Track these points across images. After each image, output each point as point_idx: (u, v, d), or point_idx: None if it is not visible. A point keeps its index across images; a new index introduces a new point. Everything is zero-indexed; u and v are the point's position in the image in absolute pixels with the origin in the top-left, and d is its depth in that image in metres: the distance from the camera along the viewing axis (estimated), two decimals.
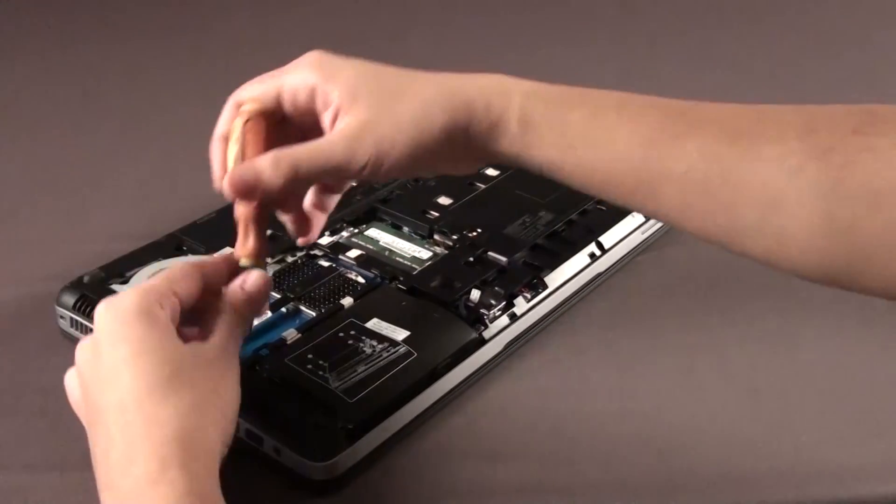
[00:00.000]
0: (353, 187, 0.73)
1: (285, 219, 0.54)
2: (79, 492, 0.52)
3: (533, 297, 0.63)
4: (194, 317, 0.49)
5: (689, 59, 1.08)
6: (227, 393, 0.47)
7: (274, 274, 0.64)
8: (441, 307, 0.60)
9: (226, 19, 1.18)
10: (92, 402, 0.45)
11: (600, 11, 1.21)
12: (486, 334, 0.59)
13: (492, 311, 0.61)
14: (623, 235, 0.69)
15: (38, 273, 0.69)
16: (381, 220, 0.71)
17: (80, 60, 1.08)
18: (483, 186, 0.74)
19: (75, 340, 0.61)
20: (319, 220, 0.55)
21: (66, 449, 0.55)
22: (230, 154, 0.51)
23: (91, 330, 0.59)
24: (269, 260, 0.65)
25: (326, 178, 0.52)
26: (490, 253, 0.66)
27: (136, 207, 0.78)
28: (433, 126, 0.48)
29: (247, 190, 0.48)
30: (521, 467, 0.53)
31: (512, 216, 0.70)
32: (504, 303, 0.61)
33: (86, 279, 0.62)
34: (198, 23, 1.18)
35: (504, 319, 0.61)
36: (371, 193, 0.73)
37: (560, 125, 0.47)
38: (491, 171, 0.75)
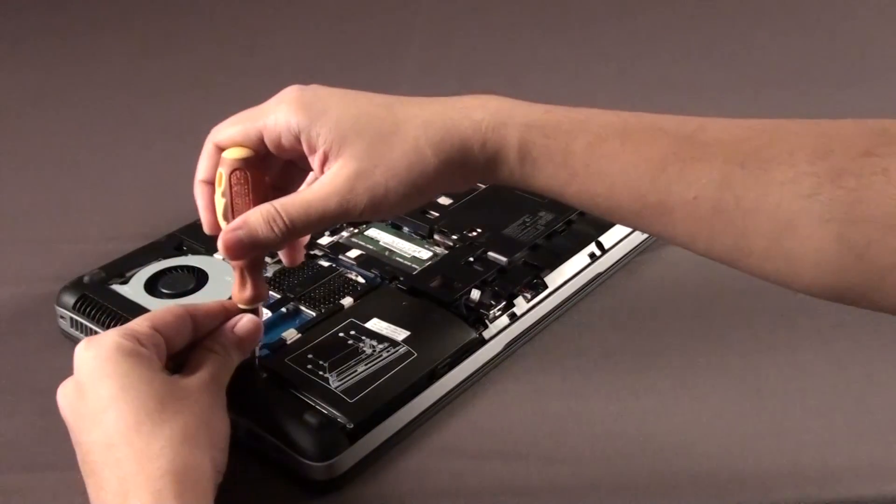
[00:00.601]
0: None
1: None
2: (79, 492, 0.52)
3: (533, 297, 0.63)
4: (184, 355, 0.50)
5: (688, 57, 1.08)
6: (217, 423, 0.47)
7: (274, 274, 0.64)
8: (441, 307, 0.60)
9: (227, 19, 1.18)
10: (80, 441, 0.45)
11: (601, 11, 1.21)
12: (486, 334, 0.59)
13: (492, 311, 0.61)
14: (623, 235, 0.69)
15: (38, 273, 0.69)
16: (381, 220, 0.71)
17: (81, 59, 1.08)
18: (483, 186, 0.74)
19: (75, 340, 0.61)
20: (304, 242, 0.55)
21: (66, 449, 0.54)
22: (218, 207, 0.50)
23: (91, 331, 0.60)
24: (268, 260, 0.65)
25: (322, 229, 0.51)
26: (490, 253, 0.66)
27: (136, 207, 0.78)
28: (427, 169, 0.47)
29: (243, 250, 0.49)
30: (521, 467, 0.53)
31: (512, 216, 0.70)
32: (504, 303, 0.61)
33: (86, 279, 0.62)
34: (198, 22, 1.18)
35: (504, 319, 0.61)
36: None
37: (561, 156, 0.46)
38: None
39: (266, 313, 0.60)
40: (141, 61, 1.08)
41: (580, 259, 0.66)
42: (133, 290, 0.61)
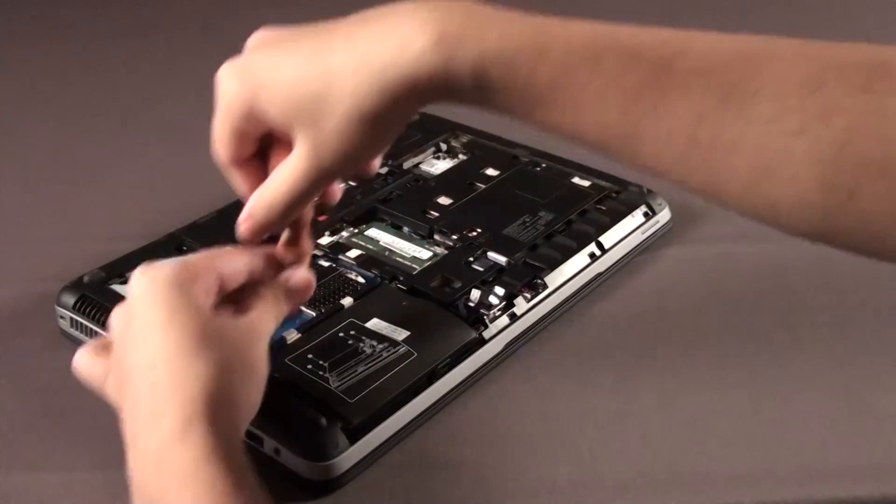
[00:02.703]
0: (352, 187, 0.73)
1: None
2: (79, 492, 0.52)
3: (533, 297, 0.63)
4: (236, 297, 0.50)
5: None
6: (256, 365, 0.47)
7: None
8: (441, 307, 0.60)
9: (226, 17, 1.18)
10: (123, 363, 0.46)
11: (602, 9, 1.21)
12: (486, 334, 0.59)
13: (492, 311, 0.60)
14: (623, 235, 0.69)
15: (38, 273, 0.69)
16: (381, 220, 0.71)
17: (80, 59, 1.08)
18: (483, 186, 0.74)
19: (75, 340, 0.61)
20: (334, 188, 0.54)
21: (66, 449, 0.55)
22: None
23: (91, 331, 0.60)
24: None
25: (318, 193, 0.48)
26: (490, 253, 0.66)
27: (136, 207, 0.78)
28: (376, 119, 0.43)
29: (257, 236, 0.49)
30: (521, 467, 0.53)
31: (512, 216, 0.69)
32: (504, 303, 0.61)
33: (86, 279, 0.62)
34: (198, 21, 1.18)
35: (504, 319, 0.61)
36: (371, 193, 0.73)
37: (522, 86, 0.41)
38: (491, 171, 0.75)
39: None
40: (141, 61, 1.08)
41: (580, 259, 0.66)
42: None
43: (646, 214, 0.71)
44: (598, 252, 0.67)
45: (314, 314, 0.60)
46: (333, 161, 0.44)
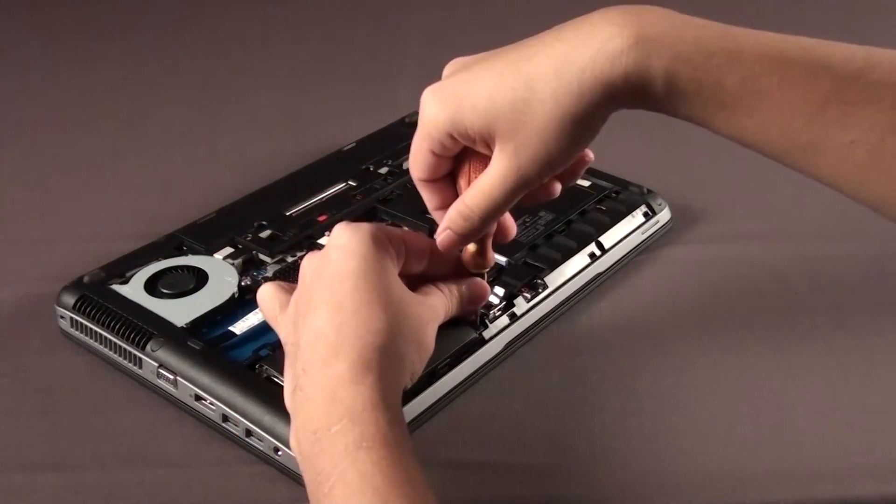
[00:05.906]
0: (352, 187, 0.73)
1: None
2: (79, 492, 0.52)
3: (533, 297, 0.63)
4: (412, 284, 0.52)
5: None
6: (424, 341, 0.50)
7: (274, 274, 0.64)
8: None
9: (225, 18, 1.18)
10: (310, 299, 0.48)
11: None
12: (486, 334, 0.59)
13: (492, 311, 0.61)
14: (623, 235, 0.69)
15: (38, 273, 0.69)
16: (381, 220, 0.70)
17: (80, 60, 1.08)
18: None
19: (75, 340, 0.61)
20: (508, 218, 0.56)
21: (66, 449, 0.55)
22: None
23: (92, 331, 0.60)
24: (269, 260, 0.65)
25: (512, 205, 0.51)
26: None
27: (136, 207, 0.78)
28: (574, 121, 0.45)
29: (455, 245, 0.52)
30: (522, 468, 0.53)
31: (512, 216, 0.69)
32: (504, 303, 0.61)
33: (86, 279, 0.62)
34: (197, 22, 1.18)
35: (504, 319, 0.61)
36: (371, 193, 0.72)
37: (711, 89, 0.43)
38: None
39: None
40: (141, 62, 1.08)
41: (580, 259, 0.66)
42: (133, 290, 0.61)
43: (646, 214, 0.71)
44: (598, 252, 0.67)
45: None
46: (532, 164, 0.46)
